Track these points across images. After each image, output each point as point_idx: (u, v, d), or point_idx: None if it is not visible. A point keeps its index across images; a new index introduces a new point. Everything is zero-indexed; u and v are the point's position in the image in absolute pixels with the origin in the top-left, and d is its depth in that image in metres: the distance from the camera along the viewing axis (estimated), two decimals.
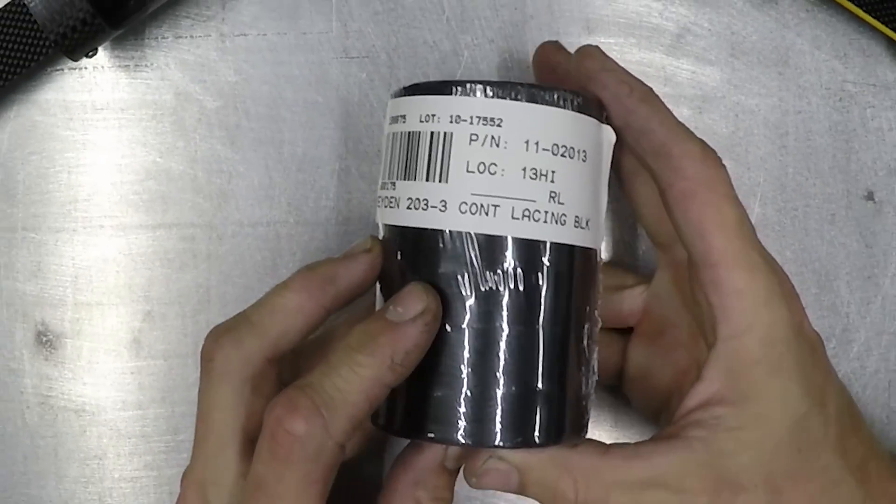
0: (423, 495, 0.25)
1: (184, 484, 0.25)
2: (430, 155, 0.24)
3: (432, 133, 0.24)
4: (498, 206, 0.23)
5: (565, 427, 0.24)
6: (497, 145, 0.23)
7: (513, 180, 0.23)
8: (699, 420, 0.25)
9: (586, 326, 0.25)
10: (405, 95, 0.25)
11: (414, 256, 0.24)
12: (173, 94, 0.33)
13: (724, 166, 0.25)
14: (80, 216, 0.33)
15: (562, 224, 0.24)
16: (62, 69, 0.33)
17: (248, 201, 0.33)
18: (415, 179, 0.24)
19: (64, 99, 0.33)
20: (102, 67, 0.33)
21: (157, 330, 0.33)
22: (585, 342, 0.25)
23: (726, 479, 0.24)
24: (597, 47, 0.27)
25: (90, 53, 0.30)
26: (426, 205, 0.23)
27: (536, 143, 0.23)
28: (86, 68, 0.33)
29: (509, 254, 0.23)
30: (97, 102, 0.33)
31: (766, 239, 0.28)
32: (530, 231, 0.23)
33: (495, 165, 0.23)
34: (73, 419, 0.32)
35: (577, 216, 0.24)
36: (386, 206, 0.25)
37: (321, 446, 0.22)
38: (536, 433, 0.23)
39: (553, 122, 0.24)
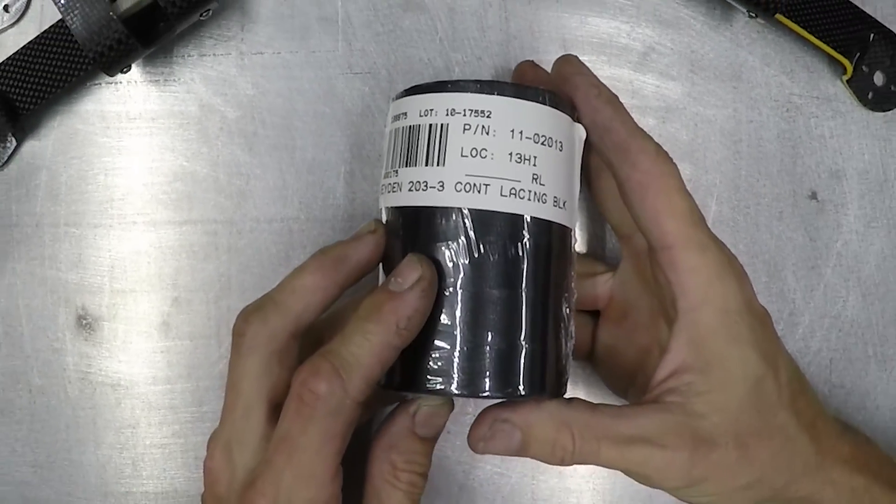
0: (398, 458, 0.26)
1: (211, 445, 0.26)
2: (428, 143, 0.25)
3: (430, 125, 0.25)
4: (489, 184, 0.24)
5: (546, 382, 0.25)
6: (487, 133, 0.24)
7: (501, 163, 0.24)
8: (673, 387, 0.26)
9: (564, 295, 0.26)
10: (406, 96, 0.26)
11: (415, 232, 0.25)
12: (198, 105, 0.34)
13: (674, 163, 0.26)
14: (115, 213, 0.34)
15: (542, 202, 0.25)
16: (100, 83, 0.34)
17: (264, 200, 0.34)
18: (415, 165, 0.25)
19: (101, 110, 0.34)
20: (135, 82, 0.34)
21: (183, 314, 0.33)
22: (563, 309, 0.26)
23: (702, 438, 0.25)
24: (575, 56, 0.28)
25: (124, 69, 0.31)
26: (426, 186, 0.24)
27: (521, 132, 0.24)
28: (120, 83, 0.34)
29: (498, 226, 0.24)
30: (131, 113, 0.34)
31: (721, 234, 0.29)
32: (516, 207, 0.24)
33: (486, 150, 0.24)
34: (109, 393, 0.33)
35: (555, 197, 0.25)
36: (389, 192, 0.26)
37: (340, 404, 0.23)
38: (521, 385, 0.24)
39: (534, 115, 0.25)
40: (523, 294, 0.24)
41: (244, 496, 0.24)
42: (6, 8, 0.32)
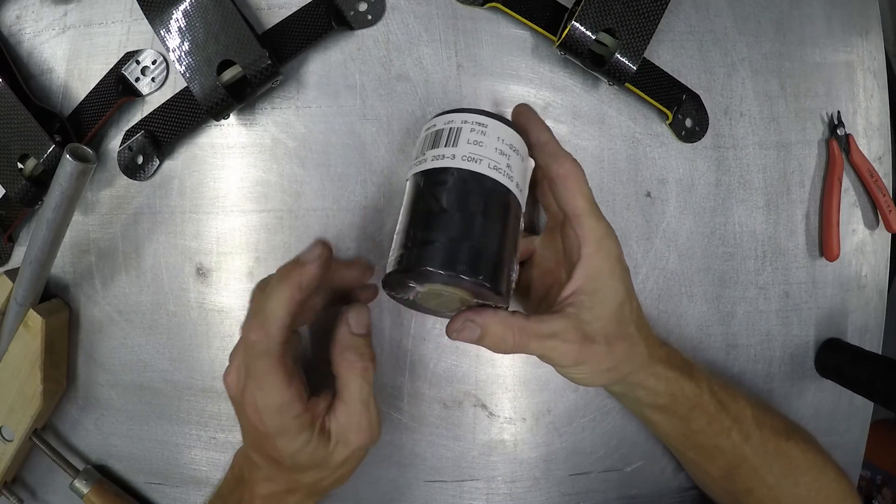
0: (350, 354, 0.29)
1: (229, 365, 0.30)
2: (448, 136, 0.30)
3: (451, 128, 0.30)
4: (481, 160, 0.29)
5: (501, 284, 0.27)
6: (483, 134, 0.29)
7: (489, 151, 0.29)
8: (572, 302, 0.30)
9: (514, 240, 0.29)
10: (437, 116, 0.31)
11: (435, 183, 0.29)
12: (270, 139, 0.39)
13: (581, 166, 0.31)
14: (220, 205, 0.40)
15: (510, 180, 0.29)
16: (210, 125, 0.40)
17: (311, 197, 0.39)
18: (438, 147, 0.29)
19: (211, 142, 0.40)
20: (232, 124, 0.40)
21: (261, 267, 0.40)
22: (513, 246, 0.29)
23: (587, 336, 0.29)
24: (527, 104, 0.34)
25: (225, 117, 0.37)
26: (443, 157, 0.29)
27: (502, 140, 0.30)
28: (223, 125, 0.40)
29: (485, 182, 0.29)
30: (229, 143, 0.40)
31: None
32: (495, 175, 0.29)
33: (482, 143, 0.29)
34: (216, 315, 0.40)
35: (517, 183, 0.30)
36: (417, 166, 0.30)
37: (268, 347, 0.27)
38: (483, 276, 0.27)
39: (509, 133, 0.31)
40: (494, 224, 0.28)
41: (241, 396, 0.29)
42: (153, 79, 0.40)
